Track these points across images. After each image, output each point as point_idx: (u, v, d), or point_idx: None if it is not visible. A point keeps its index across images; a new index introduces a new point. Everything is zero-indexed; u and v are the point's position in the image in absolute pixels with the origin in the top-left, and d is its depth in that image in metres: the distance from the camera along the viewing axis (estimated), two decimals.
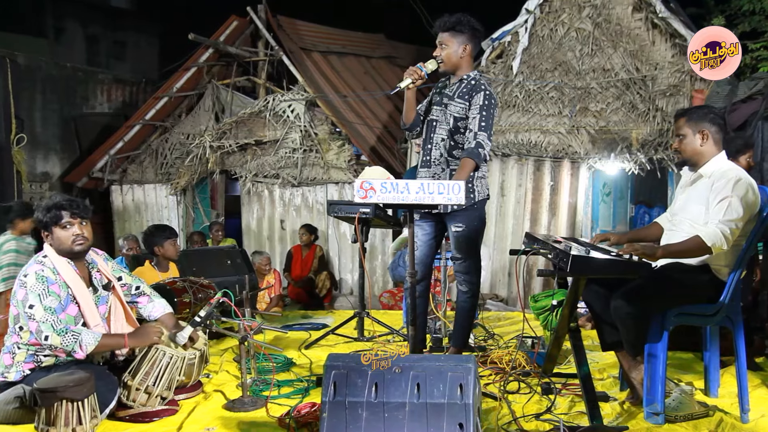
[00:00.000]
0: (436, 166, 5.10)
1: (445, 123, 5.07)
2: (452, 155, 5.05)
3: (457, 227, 5.00)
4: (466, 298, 5.19)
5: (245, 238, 12.26)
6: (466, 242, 5.04)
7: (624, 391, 4.59)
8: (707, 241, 3.87)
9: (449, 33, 5.00)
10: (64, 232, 4.22)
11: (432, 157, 5.11)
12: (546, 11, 10.21)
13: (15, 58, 12.57)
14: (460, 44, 5.02)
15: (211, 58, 12.56)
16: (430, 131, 5.14)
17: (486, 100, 4.95)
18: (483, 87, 5.02)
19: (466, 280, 5.15)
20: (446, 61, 5.01)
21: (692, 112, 4.29)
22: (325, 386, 3.34)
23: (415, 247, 4.85)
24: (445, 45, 5.01)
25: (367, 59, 14.14)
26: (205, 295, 6.19)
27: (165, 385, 4.29)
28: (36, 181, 13.02)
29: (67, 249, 4.23)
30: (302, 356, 5.90)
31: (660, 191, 10.07)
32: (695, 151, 4.22)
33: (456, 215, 4.98)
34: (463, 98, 5.01)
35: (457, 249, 5.07)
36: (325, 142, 11.44)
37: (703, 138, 4.19)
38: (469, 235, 5.03)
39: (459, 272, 5.16)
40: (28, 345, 4.12)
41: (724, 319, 4.18)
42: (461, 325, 5.28)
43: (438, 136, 5.09)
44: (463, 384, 3.25)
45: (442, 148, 5.07)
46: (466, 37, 5.02)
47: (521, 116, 9.94)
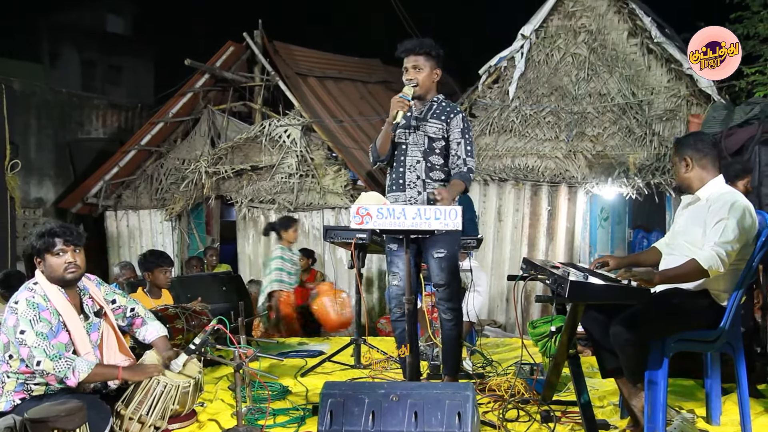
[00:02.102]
0: (411, 189, 5.02)
1: (418, 145, 5.00)
2: (429, 177, 5.00)
3: (439, 253, 4.89)
4: (452, 326, 5.05)
5: (241, 263, 12.20)
6: (449, 268, 4.93)
7: (625, 419, 4.53)
8: (704, 264, 3.84)
9: (424, 57, 4.97)
10: (57, 260, 4.16)
11: (406, 180, 5.03)
12: (542, 37, 10.26)
13: (10, 84, 12.54)
14: (433, 68, 5.01)
15: (207, 84, 12.59)
16: (399, 155, 5.06)
17: (465, 123, 5.01)
18: (458, 109, 5.07)
19: (450, 308, 5.01)
20: (421, 85, 4.96)
21: (678, 141, 4.39)
22: (321, 415, 3.29)
23: (401, 276, 4.88)
24: (420, 68, 4.97)
25: (363, 84, 14.17)
26: (198, 321, 6.13)
27: (159, 415, 4.22)
28: (30, 207, 12.99)
29: (58, 277, 4.17)
30: (298, 384, 5.83)
31: (658, 216, 10.06)
32: (681, 178, 4.30)
33: (437, 240, 4.87)
34: (439, 119, 4.99)
35: (440, 275, 4.93)
36: (321, 167, 11.42)
37: (686, 165, 4.23)
38: (451, 259, 4.94)
39: (443, 300, 5.00)
40: (18, 373, 4.06)
41: (725, 345, 4.15)
42: (452, 354, 5.17)
43: (411, 159, 5.02)
44: (461, 412, 3.21)
45: (419, 170, 5.00)
46: (436, 61, 5.02)
47: (518, 141, 9.95)
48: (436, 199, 4.57)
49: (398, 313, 5.04)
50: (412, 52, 4.97)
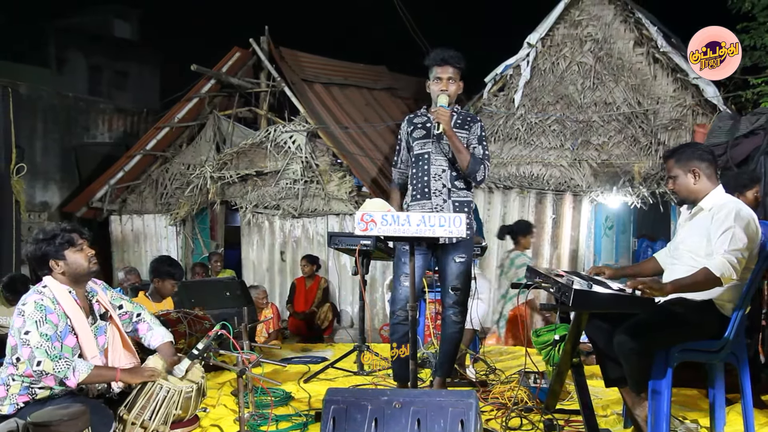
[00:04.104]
0: (437, 197, 5.08)
1: (441, 154, 5.08)
2: (455, 185, 5.09)
3: (461, 258, 5.01)
4: (459, 329, 5.13)
5: (245, 269, 12.20)
6: (466, 273, 5.06)
7: (628, 429, 4.53)
8: (716, 272, 3.83)
9: (458, 70, 5.09)
10: (80, 255, 4.20)
11: (432, 189, 5.08)
12: (548, 45, 10.27)
13: (17, 88, 12.57)
14: (460, 80, 5.14)
15: (213, 89, 12.60)
16: (423, 164, 5.13)
17: (483, 131, 5.18)
18: (477, 118, 5.25)
19: (461, 312, 5.10)
20: (451, 96, 5.08)
21: (680, 152, 4.33)
22: (324, 421, 3.29)
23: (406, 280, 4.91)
24: (453, 80, 5.08)
25: (368, 91, 14.16)
26: (200, 326, 6.13)
27: (161, 420, 4.21)
28: (35, 210, 12.99)
29: (84, 270, 4.21)
30: (301, 390, 5.84)
31: (663, 225, 10.05)
32: (690, 190, 4.25)
33: (458, 246, 5.00)
34: (462, 128, 5.09)
35: (458, 279, 5.04)
36: (326, 173, 11.42)
37: (695, 176, 4.22)
38: (468, 264, 5.08)
39: (456, 304, 5.08)
40: (24, 377, 4.05)
41: (729, 356, 4.14)
42: (451, 356, 5.20)
43: (436, 168, 5.09)
44: (464, 420, 3.20)
45: (444, 179, 5.07)
46: (461, 74, 5.15)
47: (523, 149, 9.95)
48: (438, 122, 4.85)
49: (403, 315, 5.04)
50: (449, 63, 5.06)
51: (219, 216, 12.71)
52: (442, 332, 5.17)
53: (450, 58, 5.05)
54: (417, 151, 5.17)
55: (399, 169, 5.41)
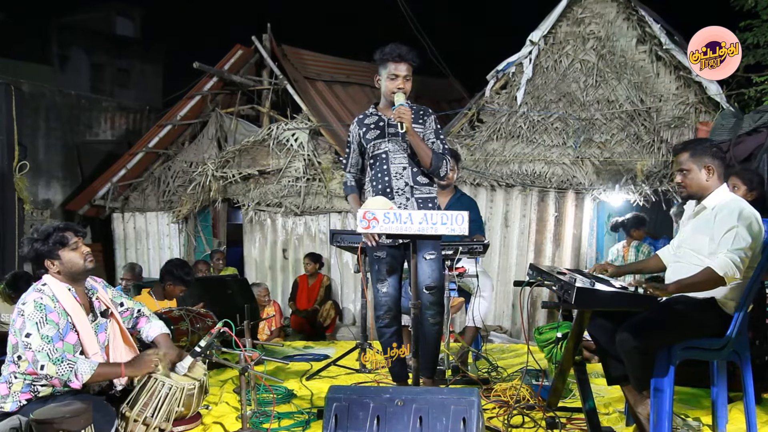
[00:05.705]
0: (399, 196, 4.96)
1: (400, 151, 4.97)
2: (417, 182, 4.98)
3: (431, 255, 4.82)
4: (438, 329, 4.96)
5: (247, 267, 12.21)
6: (439, 270, 4.89)
7: (630, 426, 4.51)
8: (719, 271, 3.82)
9: (412, 67, 4.96)
10: (75, 253, 4.19)
11: (394, 188, 4.96)
12: (550, 43, 10.26)
13: (19, 86, 12.61)
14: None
15: (216, 87, 12.61)
16: (382, 164, 5.00)
17: (437, 124, 5.08)
18: (430, 111, 5.11)
19: (439, 312, 4.91)
20: (407, 94, 4.94)
21: (695, 146, 4.24)
22: (326, 419, 3.28)
23: (390, 283, 4.92)
24: (409, 78, 4.95)
25: (371, 89, 14.14)
26: (203, 324, 6.13)
27: (164, 417, 4.22)
28: (38, 208, 13.01)
29: (80, 269, 4.20)
30: (303, 388, 5.83)
31: (665, 223, 10.04)
32: (701, 186, 4.19)
33: (427, 243, 4.80)
34: (417, 122, 4.97)
35: (432, 277, 4.83)
36: (328, 171, 11.42)
37: (709, 173, 4.15)
38: (440, 261, 4.91)
39: (434, 304, 4.86)
40: (26, 374, 4.06)
41: (732, 354, 4.12)
42: (434, 357, 5.05)
43: (397, 166, 4.97)
44: (466, 418, 3.20)
45: (406, 176, 4.96)
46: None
47: (525, 147, 9.94)
48: (400, 121, 4.70)
49: (386, 319, 4.99)
50: (406, 60, 4.92)
51: (221, 214, 12.71)
52: (420, 335, 4.68)
53: (407, 54, 4.91)
54: (373, 152, 5.04)
55: (351, 172, 5.27)
